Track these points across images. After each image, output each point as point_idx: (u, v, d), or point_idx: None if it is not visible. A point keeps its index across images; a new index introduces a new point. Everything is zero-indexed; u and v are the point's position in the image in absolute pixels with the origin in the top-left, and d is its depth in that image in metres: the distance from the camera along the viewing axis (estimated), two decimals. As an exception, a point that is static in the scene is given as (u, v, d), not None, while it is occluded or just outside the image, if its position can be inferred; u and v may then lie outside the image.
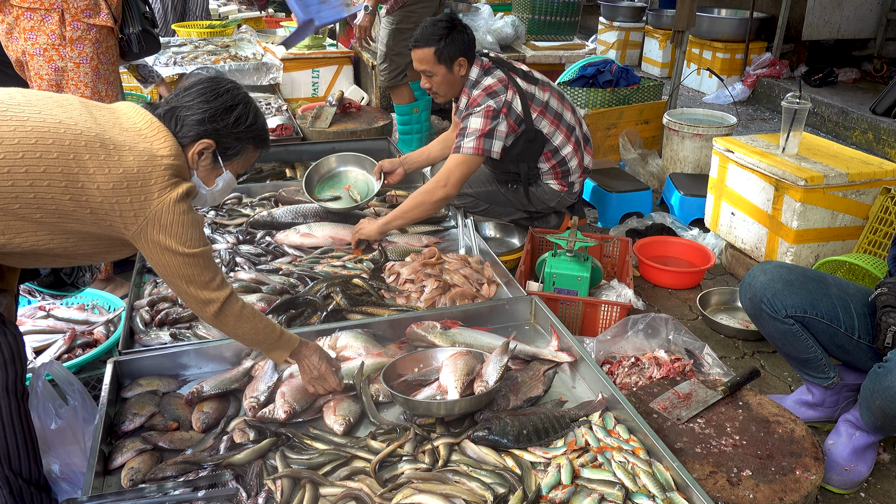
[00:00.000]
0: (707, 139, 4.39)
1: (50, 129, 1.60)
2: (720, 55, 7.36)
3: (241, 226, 3.33)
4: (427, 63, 3.13)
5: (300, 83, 5.99)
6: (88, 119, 1.67)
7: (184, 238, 1.75)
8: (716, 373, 2.62)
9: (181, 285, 1.81)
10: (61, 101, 1.70)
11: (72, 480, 1.95)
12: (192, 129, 1.79)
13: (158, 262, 1.78)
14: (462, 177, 3.10)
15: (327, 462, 1.95)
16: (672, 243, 3.72)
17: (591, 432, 2.07)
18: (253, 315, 1.97)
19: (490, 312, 2.65)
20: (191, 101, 1.80)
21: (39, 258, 1.70)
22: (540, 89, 3.23)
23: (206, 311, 1.87)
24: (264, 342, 2.03)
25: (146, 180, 1.68)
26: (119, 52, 2.99)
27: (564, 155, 3.30)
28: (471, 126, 3.09)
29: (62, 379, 1.99)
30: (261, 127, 1.92)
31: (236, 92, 1.87)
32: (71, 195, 1.61)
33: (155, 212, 1.70)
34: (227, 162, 1.90)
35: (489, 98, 3.10)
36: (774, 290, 2.34)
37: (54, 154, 1.58)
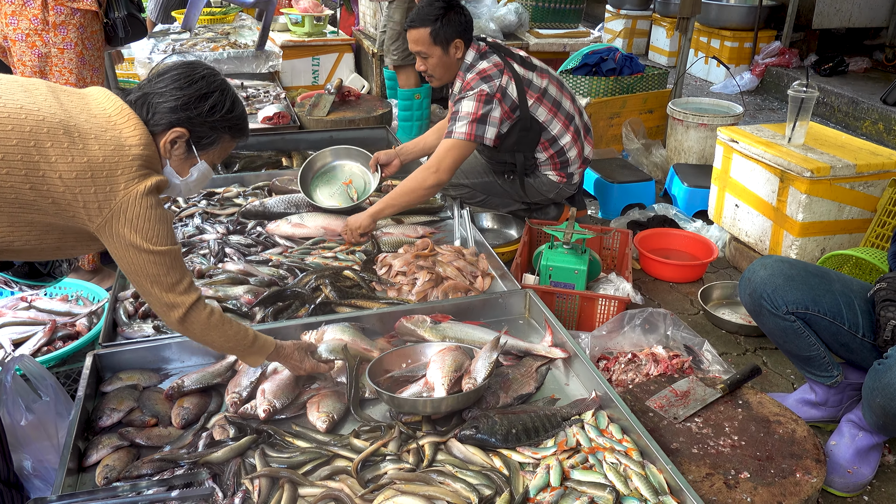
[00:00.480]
0: (712, 129, 4.29)
1: (10, 114, 1.53)
2: (728, 44, 7.23)
3: (233, 216, 3.27)
4: (422, 44, 3.04)
5: (300, 71, 5.91)
6: (54, 104, 1.60)
7: (150, 234, 1.66)
8: (715, 370, 2.54)
9: (145, 285, 1.72)
10: (27, 85, 1.63)
11: (45, 478, 1.90)
12: (164, 116, 1.71)
13: (122, 259, 1.69)
14: (454, 163, 3.01)
15: (308, 461, 1.89)
16: (674, 235, 3.63)
17: (582, 432, 2.00)
18: (222, 322, 1.86)
19: (483, 306, 2.57)
20: (164, 88, 1.72)
21: (3, 251, 1.63)
22: (538, 76, 3.15)
23: (171, 316, 1.77)
24: (236, 348, 1.94)
25: (112, 171, 1.61)
26: (104, 38, 2.92)
27: (563, 145, 3.22)
28: (462, 110, 3.00)
29: (34, 373, 1.93)
30: (238, 116, 1.84)
31: (213, 79, 1.78)
32: (31, 184, 1.53)
33: (120, 204, 1.62)
34: (201, 151, 1.82)
35: (483, 82, 3.01)
36: (775, 286, 2.26)
37: (13, 141, 1.51)
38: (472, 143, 3.01)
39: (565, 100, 3.23)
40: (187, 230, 3.12)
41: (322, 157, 3.59)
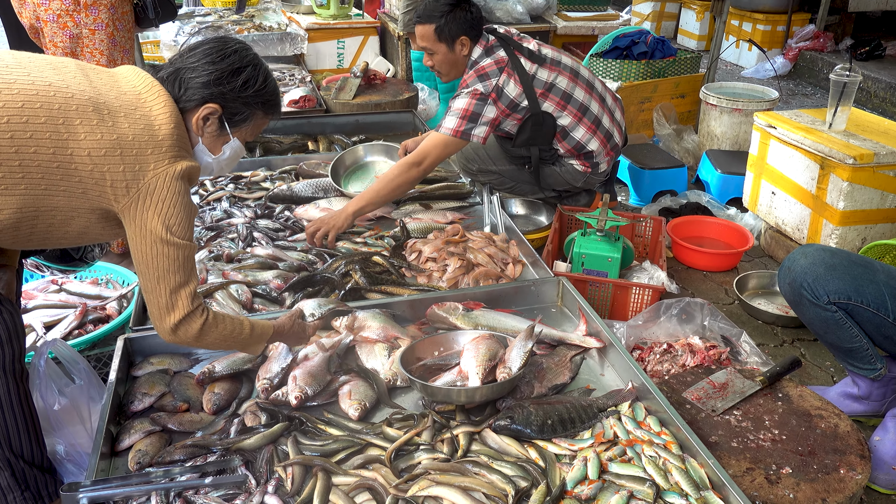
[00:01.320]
0: (747, 114, 4.19)
1: (38, 91, 1.49)
2: (761, 27, 7.07)
3: (261, 200, 3.24)
4: (427, 41, 2.99)
5: (325, 54, 5.86)
6: (83, 82, 1.56)
7: (172, 222, 1.61)
8: (753, 361, 2.48)
9: (151, 279, 1.64)
10: (56, 63, 1.60)
11: (77, 462, 1.89)
12: (196, 92, 1.67)
13: (137, 245, 1.63)
14: (438, 158, 2.96)
15: (341, 449, 1.86)
16: (708, 223, 3.56)
17: (619, 424, 1.95)
18: (216, 323, 1.77)
19: (515, 294, 2.53)
20: (196, 63, 1.68)
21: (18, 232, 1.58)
22: (546, 69, 3.05)
23: (166, 321, 1.67)
24: (235, 345, 1.87)
25: (142, 149, 1.57)
26: (134, 19, 2.89)
27: (579, 138, 3.12)
28: (455, 106, 2.95)
29: (67, 357, 1.92)
30: (271, 91, 1.79)
31: (245, 53, 1.74)
32: (59, 163, 1.50)
33: (148, 184, 1.58)
34: (234, 128, 1.78)
35: (478, 81, 2.95)
36: (816, 275, 2.19)
37: (42, 119, 1.48)
38: (459, 140, 2.94)
39: (579, 90, 3.11)
40: (215, 214, 3.10)
41: (353, 153, 3.55)
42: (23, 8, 2.70)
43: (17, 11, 2.73)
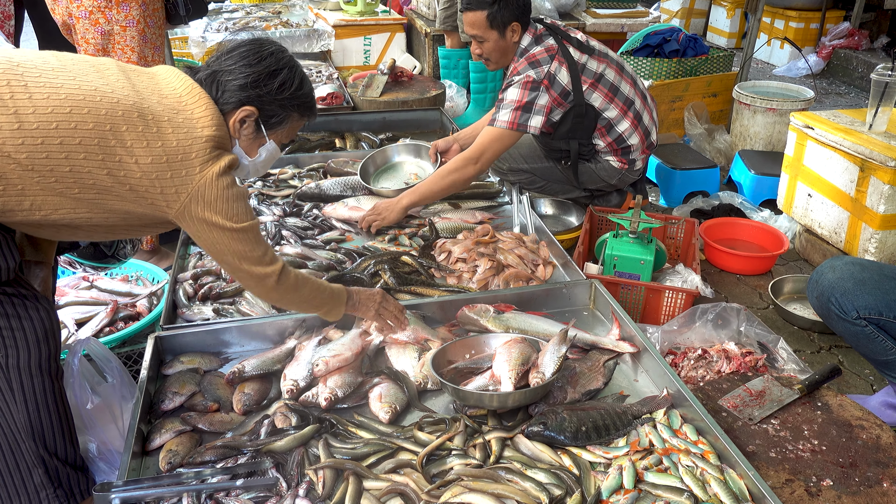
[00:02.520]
0: (781, 114, 4.11)
1: (85, 97, 1.50)
2: (793, 24, 6.94)
3: (289, 197, 3.23)
4: (478, 28, 2.93)
5: (352, 51, 5.85)
6: (126, 86, 1.57)
7: (230, 213, 1.65)
8: (791, 369, 2.42)
9: (235, 263, 1.72)
10: (98, 65, 1.60)
11: (109, 460, 1.89)
12: (233, 94, 1.68)
13: (207, 241, 1.68)
14: (496, 153, 2.92)
15: (372, 452, 1.84)
16: (741, 225, 3.49)
17: (655, 432, 1.91)
18: (305, 278, 1.91)
19: (546, 296, 2.49)
20: (232, 65, 1.68)
21: (76, 232, 1.62)
22: (595, 59, 3.01)
23: (265, 286, 1.79)
24: (324, 301, 1.98)
25: (186, 154, 1.58)
26: (165, 16, 2.89)
27: (622, 132, 3.08)
28: (507, 98, 2.90)
29: (100, 356, 1.92)
30: (307, 94, 1.79)
31: (281, 55, 1.74)
32: (108, 170, 1.51)
33: (197, 187, 1.60)
34: (270, 131, 1.78)
35: (530, 68, 2.90)
36: (844, 290, 2.13)
37: (90, 125, 1.48)
38: (516, 132, 2.90)
39: (625, 84, 3.09)
40: (244, 211, 3.09)
41: (383, 153, 3.53)
42: (55, 4, 2.71)
43: (50, 8, 2.74)
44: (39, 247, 1.81)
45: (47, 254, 1.84)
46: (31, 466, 1.68)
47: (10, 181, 1.45)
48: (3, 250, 1.51)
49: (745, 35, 7.62)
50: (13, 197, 1.46)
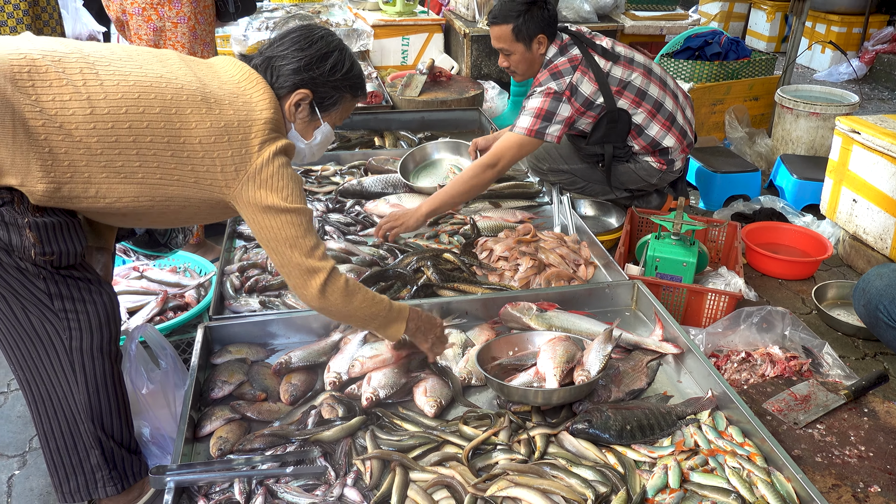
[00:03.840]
0: (825, 118, 4.05)
1: (152, 83, 1.55)
2: (835, 28, 6.84)
3: (331, 194, 3.28)
4: (505, 41, 2.95)
5: (390, 51, 5.88)
6: (188, 73, 1.62)
7: (284, 192, 1.66)
8: (836, 374, 2.39)
9: (284, 251, 1.68)
10: (161, 56, 1.65)
11: (161, 444, 1.94)
12: (288, 78, 1.72)
13: (259, 224, 1.68)
14: (513, 159, 2.93)
15: (417, 445, 1.86)
16: (783, 230, 3.45)
17: (700, 432, 1.90)
18: (359, 287, 1.81)
19: (589, 296, 2.49)
20: (285, 50, 1.72)
21: (140, 218, 1.66)
22: (621, 66, 2.99)
23: (312, 285, 1.71)
24: (378, 316, 1.85)
25: (246, 133, 1.62)
26: (215, 13, 2.94)
27: (653, 135, 3.06)
28: (528, 105, 2.91)
29: (155, 342, 1.96)
30: (357, 74, 1.83)
31: (330, 38, 1.78)
32: (172, 151, 1.56)
33: (255, 166, 1.63)
34: (324, 113, 1.82)
35: (551, 79, 2.91)
36: (892, 297, 2.11)
37: (157, 109, 1.54)
38: (534, 139, 2.91)
39: (653, 86, 3.05)
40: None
41: (423, 150, 3.55)
42: (111, 2, 2.78)
43: (105, 5, 2.81)
44: (100, 233, 1.87)
45: (108, 240, 1.90)
46: (88, 447, 1.72)
47: (78, 168, 1.50)
48: (71, 235, 1.56)
49: (784, 39, 7.54)
50: (80, 184, 1.51)
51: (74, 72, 1.50)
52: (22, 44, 1.51)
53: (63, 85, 1.47)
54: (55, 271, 1.56)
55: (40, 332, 1.60)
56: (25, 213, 1.47)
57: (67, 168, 1.48)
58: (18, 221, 1.46)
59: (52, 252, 1.52)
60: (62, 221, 1.53)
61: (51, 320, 1.59)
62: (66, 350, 1.62)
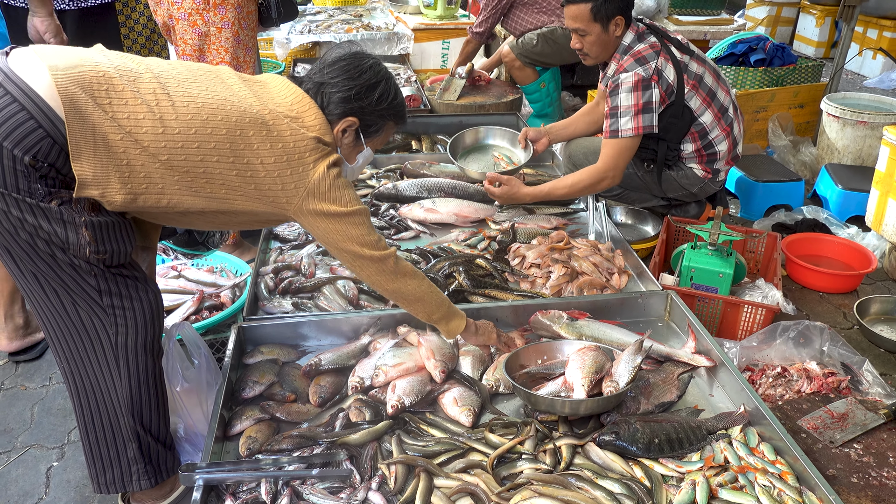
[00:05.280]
0: (873, 128, 3.94)
1: (218, 105, 1.63)
2: (888, 34, 6.63)
3: (367, 197, 3.30)
4: (581, 21, 2.88)
5: (430, 54, 5.91)
6: (249, 95, 1.69)
7: (343, 200, 1.76)
8: (876, 393, 2.32)
9: (354, 249, 1.80)
10: (220, 75, 1.72)
11: (193, 442, 1.98)
12: (337, 106, 1.79)
13: (325, 231, 1.78)
14: (626, 163, 2.93)
15: (443, 451, 1.87)
16: (826, 242, 3.37)
17: (731, 448, 1.87)
18: (419, 272, 1.97)
19: (621, 305, 2.47)
20: (335, 78, 1.79)
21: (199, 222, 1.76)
22: (696, 62, 2.95)
23: (385, 269, 1.86)
24: (443, 304, 2.01)
25: (302, 154, 1.71)
26: (258, 18, 3.00)
27: (712, 138, 3.02)
28: (622, 104, 2.84)
29: (191, 341, 2.01)
30: (401, 103, 1.90)
31: (378, 68, 1.84)
32: (238, 171, 1.65)
33: (312, 181, 1.72)
34: (368, 139, 1.89)
35: (637, 65, 2.85)
36: None
37: (223, 131, 1.62)
38: (641, 136, 2.88)
39: (720, 91, 3.02)
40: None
41: (473, 132, 3.56)
42: (158, 6, 2.85)
43: (153, 10, 2.88)
44: (146, 232, 1.93)
45: (153, 239, 1.97)
46: (126, 440, 1.78)
47: (153, 180, 1.58)
48: (123, 235, 1.63)
49: (834, 44, 7.35)
50: (153, 195, 1.59)
51: (148, 91, 1.57)
52: (98, 58, 1.58)
53: (138, 104, 1.55)
54: (106, 269, 1.63)
55: (88, 326, 1.66)
56: (83, 212, 1.54)
57: (143, 180, 1.56)
58: (76, 220, 1.53)
59: (105, 251, 1.59)
60: (115, 221, 1.60)
61: (99, 316, 1.65)
62: (112, 345, 1.68)
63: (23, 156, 1.44)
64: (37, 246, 1.54)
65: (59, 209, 1.51)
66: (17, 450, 2.26)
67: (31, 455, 2.24)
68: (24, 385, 2.54)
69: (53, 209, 1.50)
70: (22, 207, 1.48)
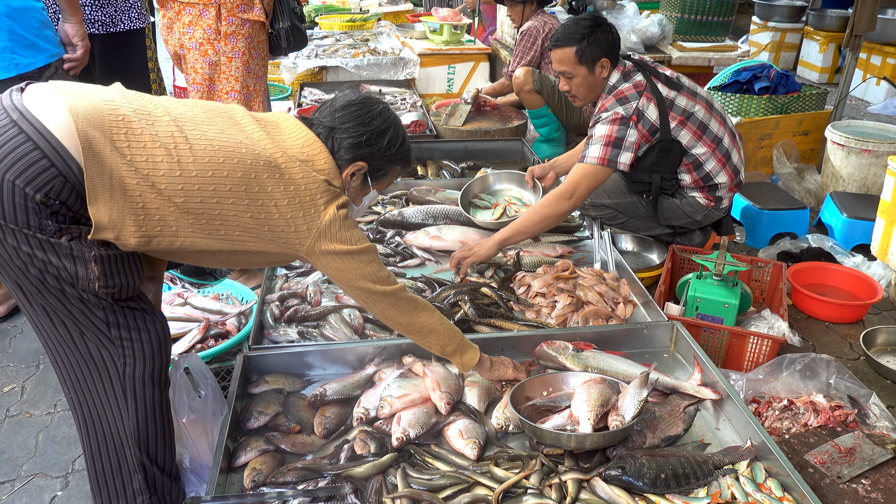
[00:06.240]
0: (878, 156, 3.95)
1: (234, 148, 1.66)
2: (892, 61, 6.67)
3: (372, 224, 3.32)
4: (567, 64, 2.95)
5: (436, 79, 5.97)
6: (263, 137, 1.72)
7: (352, 239, 1.79)
8: (883, 426, 2.31)
9: (368, 286, 1.84)
10: (234, 116, 1.75)
11: (199, 473, 1.97)
12: (348, 152, 1.82)
13: (338, 271, 1.81)
14: (588, 189, 2.92)
15: (448, 485, 1.86)
16: (831, 271, 3.36)
17: (738, 484, 1.86)
18: (429, 304, 2.00)
19: (626, 336, 2.47)
20: (346, 124, 1.82)
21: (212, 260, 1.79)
22: (685, 96, 2.98)
23: (399, 304, 1.89)
24: (455, 337, 2.03)
25: (314, 197, 1.74)
26: (268, 48, 3.03)
27: (708, 170, 3.04)
28: (596, 133, 2.90)
29: (198, 371, 2.01)
30: (408, 148, 1.94)
31: (388, 114, 1.88)
32: (252, 213, 1.68)
33: (324, 223, 1.75)
34: (374, 182, 1.92)
35: (618, 104, 2.90)
36: None
37: (239, 174, 1.65)
38: (607, 168, 2.90)
39: (714, 122, 3.04)
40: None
41: (481, 181, 3.58)
42: (169, 35, 2.89)
43: (164, 39, 2.93)
44: (153, 263, 1.94)
45: (159, 270, 1.99)
46: (132, 471, 1.78)
47: (168, 223, 1.60)
48: (131, 268, 1.64)
49: (838, 70, 7.39)
50: (167, 237, 1.62)
51: (166, 134, 1.59)
52: (118, 100, 1.60)
53: (156, 147, 1.57)
54: (114, 302, 1.64)
55: (96, 358, 1.67)
56: (92, 247, 1.55)
57: (158, 223, 1.59)
58: (86, 255, 1.54)
59: (114, 285, 1.60)
60: (124, 255, 1.62)
61: (107, 347, 1.66)
62: (120, 376, 1.69)
63: (34, 194, 1.46)
64: (46, 281, 1.56)
65: (69, 244, 1.52)
66: (22, 478, 2.26)
67: (35, 484, 2.24)
68: (29, 412, 2.54)
69: (63, 245, 1.52)
70: (32, 243, 1.50)
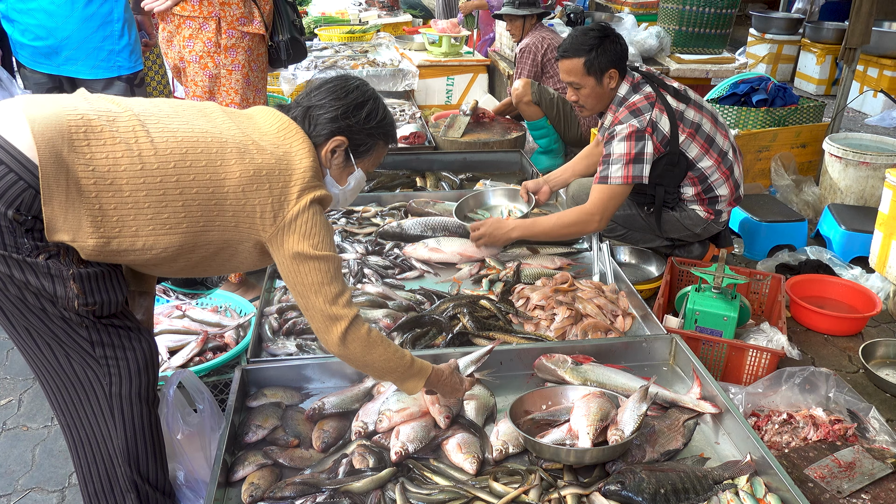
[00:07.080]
0: (875, 168, 3.96)
1: (198, 138, 1.63)
2: (888, 73, 6.70)
3: (371, 235, 3.32)
4: (575, 74, 2.95)
5: (434, 90, 5.99)
6: (232, 127, 1.69)
7: (315, 241, 1.71)
8: (883, 440, 2.30)
9: (309, 296, 1.73)
10: (204, 110, 1.73)
11: (195, 488, 1.96)
12: (325, 127, 1.79)
13: (288, 270, 1.73)
14: (615, 209, 2.97)
15: (447, 500, 1.85)
16: (830, 283, 3.36)
17: (737, 499, 1.85)
18: (381, 339, 1.83)
19: (626, 349, 2.46)
20: (322, 100, 1.80)
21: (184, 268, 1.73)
22: (692, 109, 3.00)
23: (333, 332, 1.74)
24: (396, 370, 1.87)
25: (286, 182, 1.69)
26: (268, 60, 3.04)
27: (712, 182, 3.05)
28: (615, 152, 2.90)
29: (192, 386, 2.01)
30: (390, 122, 1.91)
31: (365, 88, 1.86)
32: (216, 200, 1.63)
33: (292, 214, 1.69)
34: (358, 159, 1.88)
35: (632, 116, 2.90)
36: None
37: (203, 162, 1.61)
38: (630, 185, 2.91)
39: (719, 135, 3.06)
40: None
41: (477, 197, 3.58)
42: (169, 49, 2.90)
43: (164, 52, 2.93)
44: (142, 278, 1.93)
45: (150, 285, 1.96)
46: (124, 491, 1.76)
47: (126, 223, 1.56)
48: (113, 285, 1.61)
49: (835, 82, 7.42)
50: (127, 238, 1.57)
51: (127, 130, 1.56)
52: (79, 103, 1.58)
53: (116, 143, 1.53)
54: (97, 320, 1.61)
55: (82, 378, 1.65)
56: (70, 264, 1.52)
57: (116, 223, 1.54)
58: (63, 273, 1.51)
59: (94, 302, 1.57)
60: (105, 272, 1.59)
61: (92, 367, 1.64)
62: (107, 395, 1.67)
63: (6, 210, 1.44)
64: (27, 300, 1.53)
65: (46, 263, 1.49)
66: (18, 493, 2.25)
67: (32, 499, 2.22)
68: (25, 426, 2.53)
69: (41, 263, 1.49)
70: (9, 263, 1.47)
